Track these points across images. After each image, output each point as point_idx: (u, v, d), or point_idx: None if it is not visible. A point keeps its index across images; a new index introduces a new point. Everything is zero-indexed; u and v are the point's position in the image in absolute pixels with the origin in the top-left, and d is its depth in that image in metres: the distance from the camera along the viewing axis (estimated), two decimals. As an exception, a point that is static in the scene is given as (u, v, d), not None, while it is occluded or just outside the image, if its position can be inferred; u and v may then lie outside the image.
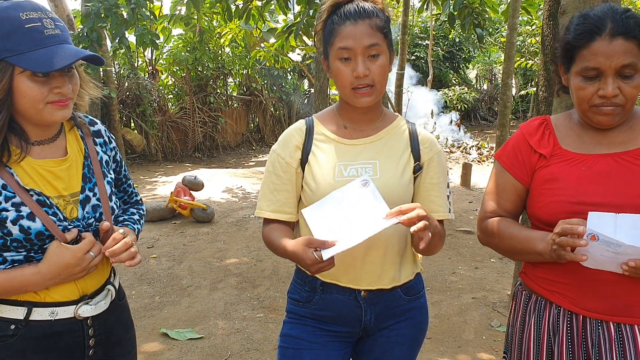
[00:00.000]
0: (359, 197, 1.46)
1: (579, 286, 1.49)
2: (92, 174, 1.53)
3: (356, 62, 1.49)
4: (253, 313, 4.12)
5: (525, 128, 1.66)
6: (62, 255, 1.38)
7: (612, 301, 1.44)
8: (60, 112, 1.39)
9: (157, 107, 13.30)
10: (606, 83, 1.39)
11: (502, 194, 1.67)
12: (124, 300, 1.69)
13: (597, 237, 1.29)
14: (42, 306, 1.42)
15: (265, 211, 1.65)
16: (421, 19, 19.85)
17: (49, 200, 1.40)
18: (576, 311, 1.50)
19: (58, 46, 1.34)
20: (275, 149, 1.67)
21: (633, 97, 1.41)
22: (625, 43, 1.37)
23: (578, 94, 1.47)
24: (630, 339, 1.43)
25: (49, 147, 1.47)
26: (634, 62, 1.37)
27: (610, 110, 1.42)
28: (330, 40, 1.53)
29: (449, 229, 6.39)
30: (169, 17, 8.39)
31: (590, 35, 1.40)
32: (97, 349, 1.53)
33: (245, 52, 14.01)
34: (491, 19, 11.86)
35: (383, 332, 1.68)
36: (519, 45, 15.62)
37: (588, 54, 1.41)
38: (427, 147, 1.65)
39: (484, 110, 21.87)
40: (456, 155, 12.97)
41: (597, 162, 1.49)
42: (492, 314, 4.09)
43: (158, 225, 6.76)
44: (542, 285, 1.58)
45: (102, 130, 1.63)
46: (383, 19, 1.54)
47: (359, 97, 1.53)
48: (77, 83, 1.43)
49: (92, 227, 1.49)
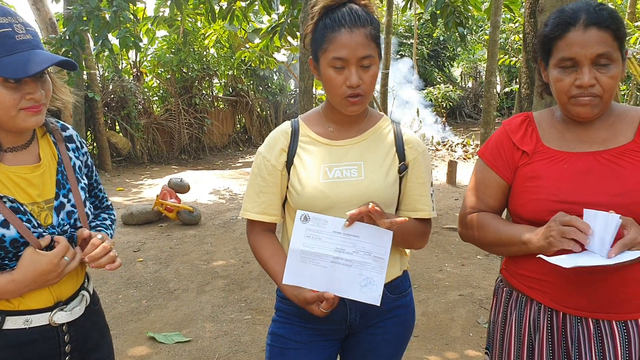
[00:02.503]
0: (312, 232, 1.48)
1: (558, 283, 1.50)
2: (65, 179, 1.52)
3: (350, 72, 1.49)
4: (241, 315, 4.12)
5: (507, 125, 1.67)
6: (37, 262, 1.36)
7: (591, 298, 1.46)
8: (33, 118, 1.38)
9: (142, 110, 13.23)
10: (582, 73, 1.42)
11: (485, 190, 1.68)
12: (98, 305, 1.68)
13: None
14: (16, 314, 1.40)
15: (251, 212, 1.67)
16: (405, 18, 19.92)
17: (22, 207, 1.39)
18: (556, 308, 1.52)
19: (30, 51, 1.33)
20: (261, 151, 1.68)
21: (610, 87, 1.43)
22: (599, 33, 1.40)
23: (556, 86, 1.49)
24: (609, 335, 1.45)
25: (21, 153, 1.45)
26: (608, 52, 1.40)
27: (587, 101, 1.44)
28: (323, 46, 1.51)
29: (435, 227, 6.42)
30: (152, 19, 8.36)
31: (565, 26, 1.44)
32: (74, 354, 1.52)
33: (230, 52, 13.98)
34: (474, 17, 11.94)
35: (369, 330, 1.70)
36: (503, 42, 15.73)
37: (563, 44, 1.44)
38: (412, 147, 1.67)
39: (469, 107, 22.01)
40: (442, 153, 13.03)
41: (577, 160, 1.50)
42: (479, 311, 4.12)
43: (144, 228, 6.72)
44: (523, 282, 1.60)
45: (74, 136, 1.62)
46: (376, 26, 1.54)
47: (349, 105, 1.54)
48: (49, 89, 1.42)
49: (67, 233, 1.47)
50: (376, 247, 1.46)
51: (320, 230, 1.46)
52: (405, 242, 1.67)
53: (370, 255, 1.46)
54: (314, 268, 1.47)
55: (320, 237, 1.46)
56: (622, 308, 1.45)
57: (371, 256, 1.46)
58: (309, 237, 1.47)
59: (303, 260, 1.47)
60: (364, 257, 1.46)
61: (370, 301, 1.46)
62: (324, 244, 1.46)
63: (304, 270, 1.47)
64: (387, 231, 1.47)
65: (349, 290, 1.46)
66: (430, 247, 5.75)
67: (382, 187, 1.59)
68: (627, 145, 1.48)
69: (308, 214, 1.48)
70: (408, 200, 1.66)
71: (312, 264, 1.46)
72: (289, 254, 1.48)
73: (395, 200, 1.64)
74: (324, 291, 1.47)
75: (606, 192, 1.44)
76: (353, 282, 1.46)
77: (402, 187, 1.66)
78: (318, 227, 1.47)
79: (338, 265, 1.46)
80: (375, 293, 1.46)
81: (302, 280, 1.48)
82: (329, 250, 1.46)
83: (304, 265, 1.47)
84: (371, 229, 1.47)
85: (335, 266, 1.46)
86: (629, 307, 1.45)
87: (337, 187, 1.57)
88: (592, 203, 1.43)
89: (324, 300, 1.46)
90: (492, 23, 6.99)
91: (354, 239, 1.46)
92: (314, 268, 1.47)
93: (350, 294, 1.47)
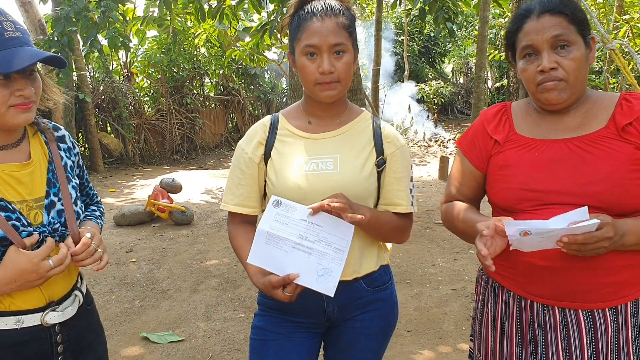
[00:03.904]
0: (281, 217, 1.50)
1: (526, 272, 1.52)
2: (56, 178, 1.52)
3: (321, 59, 1.53)
4: (234, 314, 4.12)
5: (484, 115, 1.70)
6: (17, 261, 1.34)
7: (557, 287, 1.47)
8: (23, 115, 1.39)
9: (134, 110, 13.18)
10: (542, 57, 1.46)
11: (462, 179, 1.71)
12: (92, 305, 1.68)
13: (529, 232, 1.33)
14: (7, 315, 1.40)
15: (230, 204, 1.70)
16: (396, 14, 19.93)
17: (11, 205, 1.39)
18: (524, 296, 1.54)
19: (18, 48, 1.34)
20: (241, 144, 1.73)
21: (572, 69, 1.45)
22: (552, 18, 1.45)
23: (523, 77, 1.53)
24: (574, 323, 1.46)
25: (11, 152, 1.46)
26: (564, 32, 1.44)
27: (553, 85, 1.46)
28: (297, 36, 1.56)
29: (427, 222, 6.45)
30: (141, 19, 8.32)
31: (522, 19, 1.51)
32: (67, 355, 1.52)
33: (220, 52, 13.94)
34: (463, 12, 11.96)
35: (348, 324, 1.71)
36: (493, 37, 15.76)
37: (522, 35, 1.50)
38: (390, 141, 1.68)
39: (460, 103, 22.05)
40: (434, 149, 13.07)
41: (549, 148, 1.51)
42: (472, 305, 4.13)
43: (137, 229, 6.71)
44: (496, 271, 1.62)
45: (66, 136, 1.63)
46: (349, 17, 1.57)
47: (323, 91, 1.56)
48: (39, 86, 1.43)
49: (58, 232, 1.47)
50: (338, 238, 1.49)
51: (288, 216, 1.50)
52: (382, 236, 1.69)
53: (331, 246, 1.49)
54: (276, 251, 1.49)
55: (287, 223, 1.49)
56: (587, 297, 1.45)
57: (332, 247, 1.49)
58: (277, 221, 1.50)
59: (267, 243, 1.49)
60: (324, 247, 1.48)
61: (325, 291, 1.47)
62: (290, 229, 1.49)
63: (267, 253, 1.50)
64: (350, 225, 1.49)
65: (306, 278, 1.47)
66: (422, 242, 5.77)
67: (356, 181, 1.60)
68: (599, 132, 1.48)
69: (280, 199, 1.51)
70: (387, 194, 1.68)
71: (275, 247, 1.49)
72: (256, 235, 1.50)
73: (373, 193, 1.65)
74: (283, 275, 1.48)
75: (576, 181, 1.44)
76: (311, 271, 1.48)
77: (382, 181, 1.67)
78: (287, 213, 1.50)
79: (298, 251, 1.48)
80: (331, 284, 1.48)
81: (264, 262, 1.50)
82: (292, 236, 1.48)
83: (268, 247, 1.49)
84: (335, 221, 1.49)
85: (296, 252, 1.48)
86: (594, 297, 1.45)
87: (312, 180, 1.59)
88: (562, 192, 1.44)
89: (288, 284, 1.48)
90: (481, 18, 7.01)
91: (317, 229, 1.49)
92: (276, 251, 1.49)
93: (306, 282, 1.48)
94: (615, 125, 1.46)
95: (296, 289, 1.48)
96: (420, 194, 8.06)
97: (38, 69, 1.44)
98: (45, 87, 1.49)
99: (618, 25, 8.31)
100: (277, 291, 1.49)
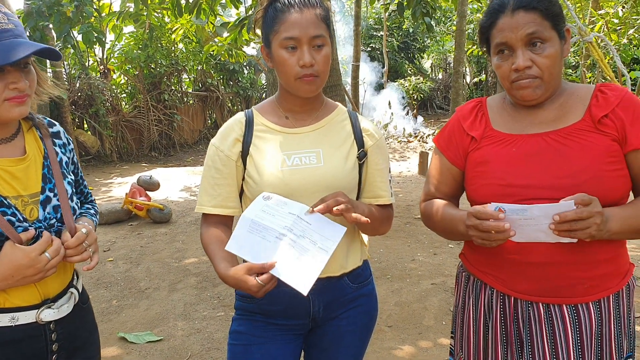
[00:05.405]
0: (269, 209, 1.47)
1: (509, 269, 1.52)
2: (52, 174, 1.50)
3: (302, 52, 1.48)
4: (213, 312, 4.07)
5: (460, 111, 1.69)
6: (13, 256, 1.32)
7: (541, 283, 1.47)
8: (17, 109, 1.37)
9: (111, 107, 13.01)
10: (516, 56, 1.44)
11: (439, 177, 1.70)
12: (87, 303, 1.66)
13: (503, 209, 1.33)
14: (2, 312, 1.38)
15: (207, 206, 1.62)
16: (375, 9, 19.95)
17: (6, 201, 1.37)
18: (508, 293, 1.53)
19: (12, 40, 1.32)
20: (214, 142, 1.64)
21: (547, 66, 1.43)
22: (527, 14, 1.42)
23: (498, 73, 1.51)
24: (559, 318, 1.46)
25: (6, 146, 1.44)
26: (538, 30, 1.41)
27: (527, 83, 1.45)
28: (274, 28, 1.51)
29: (407, 217, 6.46)
30: (117, 14, 8.20)
31: (496, 14, 1.47)
32: (61, 353, 1.50)
33: (198, 47, 13.82)
34: (441, 7, 12.01)
35: (333, 322, 1.69)
36: (471, 33, 15.85)
37: (496, 31, 1.47)
38: (370, 134, 1.67)
39: (439, 99, 22.15)
40: (414, 145, 13.11)
41: (526, 143, 1.50)
42: (451, 299, 4.14)
43: (114, 227, 6.61)
44: (478, 268, 1.61)
45: (61, 132, 1.61)
46: (325, 9, 1.55)
47: (304, 85, 1.52)
48: (34, 79, 1.41)
49: (54, 227, 1.45)
50: (324, 239, 1.44)
51: (277, 210, 1.46)
52: (373, 229, 1.68)
53: (315, 244, 1.43)
54: (258, 240, 1.43)
55: (275, 215, 1.45)
56: (571, 292, 1.45)
57: (316, 246, 1.43)
58: (264, 211, 1.46)
59: (250, 231, 1.44)
60: (308, 244, 1.43)
61: (299, 288, 1.37)
62: (276, 220, 1.44)
63: (248, 241, 1.44)
64: (342, 227, 1.45)
65: (284, 270, 1.39)
66: (402, 237, 5.78)
67: (341, 174, 1.58)
68: (575, 125, 1.47)
69: (271, 195, 1.48)
70: (370, 187, 1.66)
71: (257, 235, 1.43)
72: (239, 222, 1.45)
73: (355, 186, 1.63)
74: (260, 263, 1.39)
75: (553, 175, 1.44)
76: (290, 265, 1.40)
77: (363, 174, 1.65)
78: (276, 207, 1.47)
79: (281, 242, 1.41)
80: (307, 282, 1.38)
81: (244, 251, 1.43)
82: (277, 227, 1.43)
83: (250, 235, 1.44)
84: (324, 220, 1.45)
85: (278, 243, 1.41)
86: (578, 292, 1.45)
87: (297, 174, 1.55)
88: (539, 186, 1.44)
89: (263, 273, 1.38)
90: (459, 13, 7.03)
91: (305, 225, 1.45)
92: (258, 240, 1.43)
93: (282, 275, 1.38)
94: (592, 118, 1.45)
95: (270, 280, 1.38)
96: (400, 189, 8.08)
97: (33, 62, 1.42)
98: (40, 80, 1.47)
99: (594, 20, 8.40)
100: (250, 278, 1.37)
